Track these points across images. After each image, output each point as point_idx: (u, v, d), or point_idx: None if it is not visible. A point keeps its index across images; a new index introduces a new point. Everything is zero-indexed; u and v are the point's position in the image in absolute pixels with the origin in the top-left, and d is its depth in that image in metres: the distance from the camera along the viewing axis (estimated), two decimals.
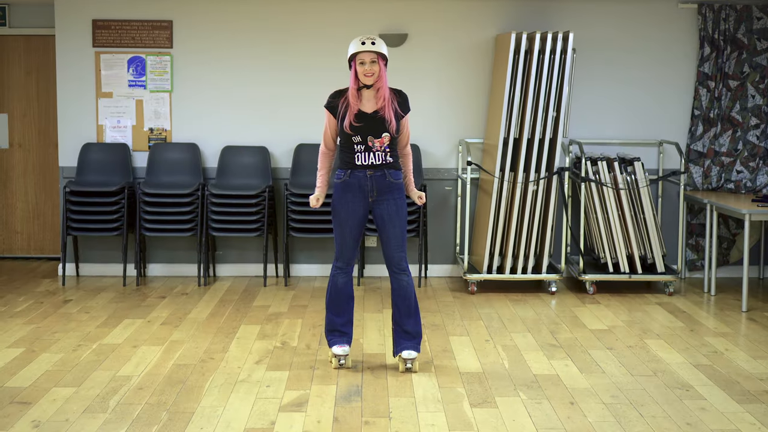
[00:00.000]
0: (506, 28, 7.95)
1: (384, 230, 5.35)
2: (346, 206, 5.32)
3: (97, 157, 8.00)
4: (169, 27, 8.01)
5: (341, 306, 5.45)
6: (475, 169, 7.91)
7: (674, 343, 6.08)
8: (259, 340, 6.10)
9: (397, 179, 5.34)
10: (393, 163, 5.31)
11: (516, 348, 5.94)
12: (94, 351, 5.80)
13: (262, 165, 8.00)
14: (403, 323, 5.41)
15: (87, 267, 8.14)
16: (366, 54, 5.23)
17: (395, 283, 5.40)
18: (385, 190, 5.30)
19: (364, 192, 5.30)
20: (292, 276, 8.13)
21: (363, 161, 5.27)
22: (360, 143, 5.26)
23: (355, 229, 5.35)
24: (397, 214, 5.33)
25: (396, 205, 5.33)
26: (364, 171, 5.28)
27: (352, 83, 5.29)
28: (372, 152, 5.26)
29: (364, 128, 5.24)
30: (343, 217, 5.34)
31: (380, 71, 5.24)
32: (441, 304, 7.14)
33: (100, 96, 8.04)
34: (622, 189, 7.47)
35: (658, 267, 7.52)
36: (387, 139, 5.26)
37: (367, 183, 5.29)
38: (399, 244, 5.34)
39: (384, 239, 5.37)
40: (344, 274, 5.42)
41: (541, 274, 7.56)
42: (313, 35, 8.03)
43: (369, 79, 5.24)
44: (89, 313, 6.79)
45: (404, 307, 5.39)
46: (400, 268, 5.37)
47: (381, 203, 5.32)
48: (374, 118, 5.25)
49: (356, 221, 5.34)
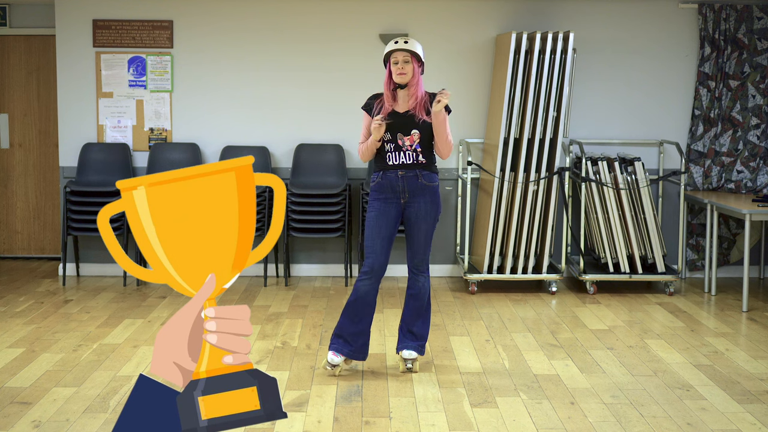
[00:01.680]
0: (506, 28, 7.95)
1: (410, 231, 5.29)
2: (379, 207, 5.24)
3: (97, 157, 8.01)
4: (169, 27, 8.01)
5: (358, 313, 5.27)
6: (475, 169, 7.91)
7: (675, 343, 6.08)
8: (259, 340, 6.10)
9: (431, 182, 5.24)
10: (426, 164, 5.23)
11: (516, 348, 5.95)
12: (94, 351, 5.80)
13: (262, 165, 8.00)
14: (411, 323, 5.38)
15: (87, 267, 8.15)
16: (399, 53, 5.20)
17: (411, 282, 5.36)
18: (417, 191, 5.22)
19: (396, 193, 5.22)
20: (292, 276, 8.13)
21: (394, 161, 5.21)
22: (390, 141, 5.20)
23: (384, 231, 5.23)
24: (426, 217, 5.24)
25: (427, 207, 5.24)
26: (396, 171, 5.21)
27: (387, 83, 5.25)
28: (402, 151, 5.20)
29: (393, 126, 5.19)
30: (373, 219, 5.25)
31: (414, 71, 5.20)
32: (441, 304, 7.15)
33: (100, 96, 8.05)
34: (623, 189, 7.47)
35: (658, 267, 7.52)
36: (417, 136, 5.18)
37: (399, 183, 5.21)
38: (423, 247, 5.29)
39: (409, 240, 5.32)
40: (369, 281, 5.25)
41: (541, 274, 7.56)
42: (312, 35, 8.02)
43: (401, 78, 5.19)
44: (90, 313, 6.80)
45: (415, 308, 5.36)
46: (420, 269, 5.33)
47: (412, 204, 5.24)
48: (404, 116, 5.21)
49: (387, 222, 5.24)
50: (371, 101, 5.34)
